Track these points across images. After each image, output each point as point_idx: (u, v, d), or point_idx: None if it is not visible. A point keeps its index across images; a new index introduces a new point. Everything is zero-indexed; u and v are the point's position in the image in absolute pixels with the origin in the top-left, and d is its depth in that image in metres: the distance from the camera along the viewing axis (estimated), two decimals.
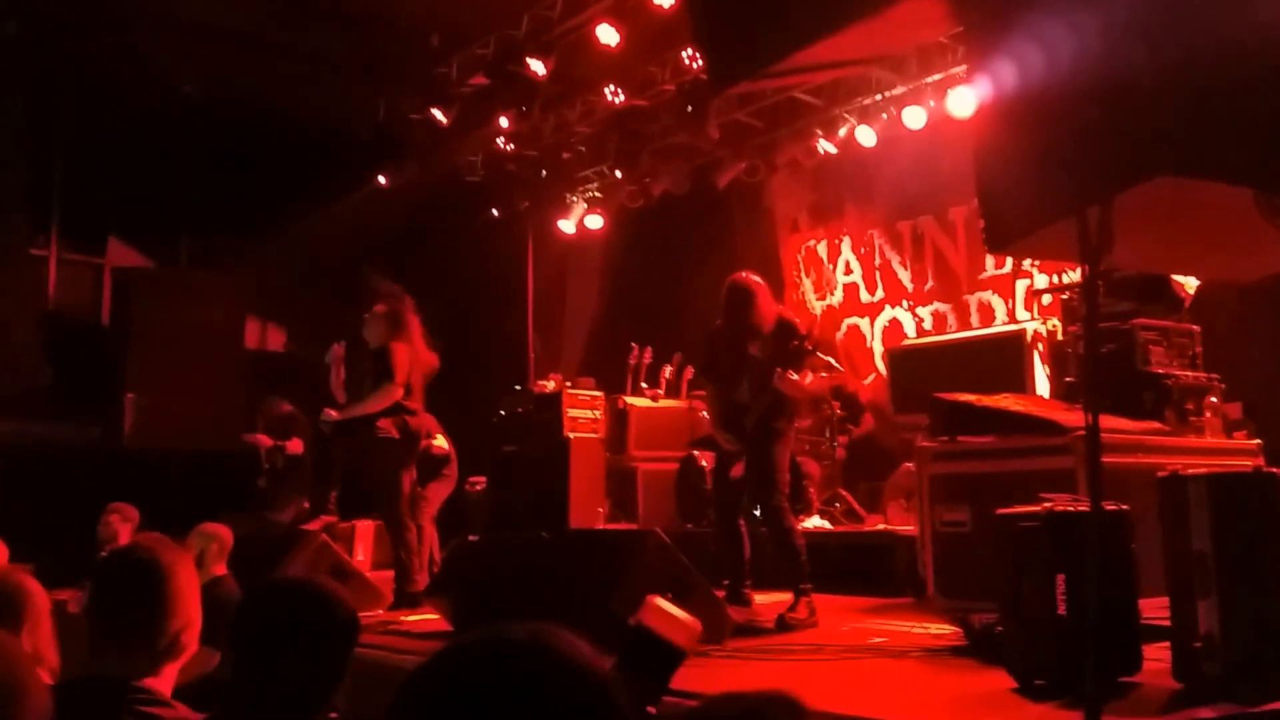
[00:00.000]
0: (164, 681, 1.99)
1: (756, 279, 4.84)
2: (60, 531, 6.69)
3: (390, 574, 5.73)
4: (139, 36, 8.27)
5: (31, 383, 8.52)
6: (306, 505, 7.55)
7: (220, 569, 4.64)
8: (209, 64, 8.65)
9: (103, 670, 2.04)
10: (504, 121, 8.86)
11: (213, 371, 8.86)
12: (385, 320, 5.64)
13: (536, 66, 7.90)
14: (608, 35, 7.48)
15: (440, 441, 6.39)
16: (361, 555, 7.73)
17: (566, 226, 10.10)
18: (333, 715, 1.77)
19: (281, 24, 8.19)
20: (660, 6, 7.08)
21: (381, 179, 9.64)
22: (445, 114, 8.74)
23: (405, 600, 5.39)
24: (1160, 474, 2.80)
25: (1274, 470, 2.75)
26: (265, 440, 8.08)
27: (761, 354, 4.67)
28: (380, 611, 5.37)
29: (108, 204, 9.51)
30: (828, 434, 7.17)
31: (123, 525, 6.27)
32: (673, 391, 8.18)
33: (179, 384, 8.65)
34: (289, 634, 1.75)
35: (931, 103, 7.53)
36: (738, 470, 4.72)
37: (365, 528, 7.73)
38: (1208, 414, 4.42)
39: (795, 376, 4.53)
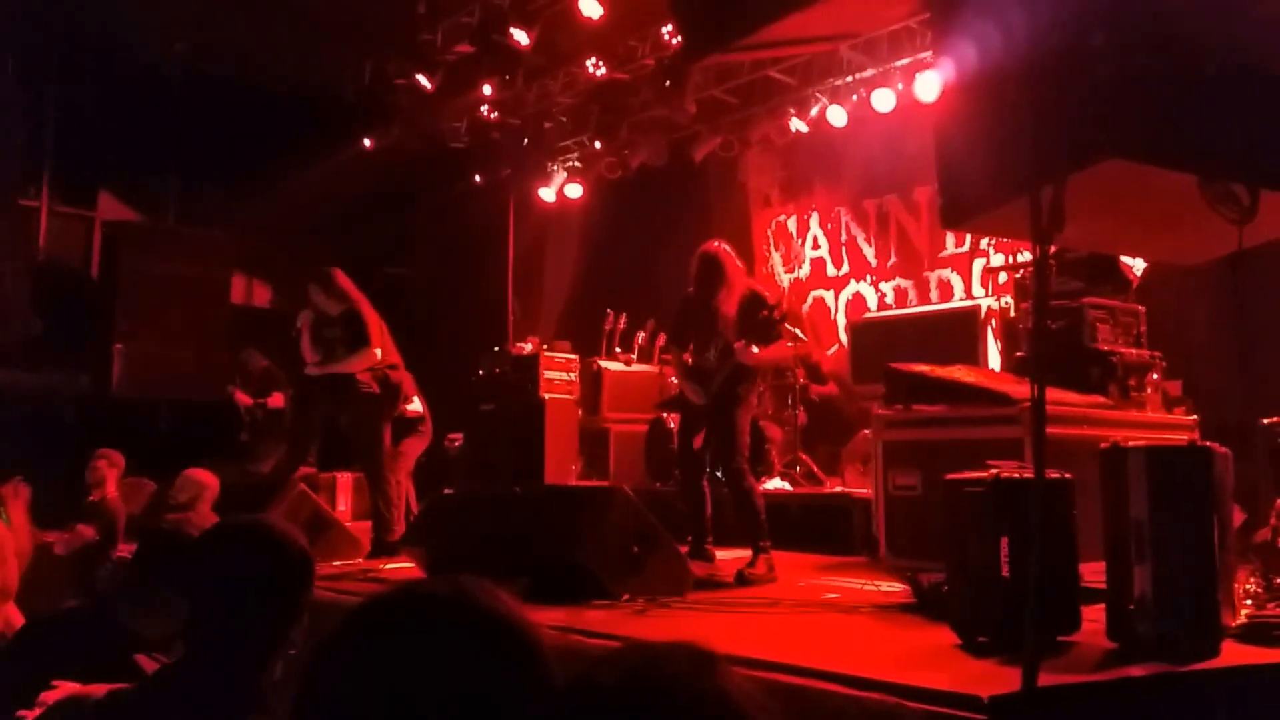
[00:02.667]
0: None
1: (726, 248, 4.80)
2: (49, 476, 6.60)
3: (369, 524, 5.69)
4: None
5: (22, 332, 8.36)
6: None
7: (210, 515, 4.61)
8: (200, 22, 8.42)
9: (126, 623, 2.05)
10: (487, 89, 8.71)
11: (199, 325, 8.76)
12: (336, 286, 5.52)
13: (520, 36, 7.76)
14: (590, 8, 7.34)
15: (415, 406, 6.33)
16: (342, 506, 7.69)
17: (547, 194, 9.99)
18: (291, 652, 1.72)
19: None
20: None
21: (367, 141, 9.47)
22: (430, 80, 8.58)
23: (383, 549, 5.37)
24: (1102, 445, 2.81)
25: (1208, 445, 2.77)
26: (245, 399, 7.98)
27: (729, 322, 4.65)
28: (359, 560, 5.35)
29: (99, 158, 9.30)
30: (790, 400, 7.18)
31: (110, 470, 6.21)
32: (645, 356, 8.16)
33: (166, 336, 8.55)
34: (240, 576, 1.70)
35: (900, 86, 7.47)
36: (699, 441, 4.72)
37: (345, 479, 7.68)
38: (1149, 390, 4.45)
39: (756, 349, 4.52)
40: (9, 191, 8.81)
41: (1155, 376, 4.49)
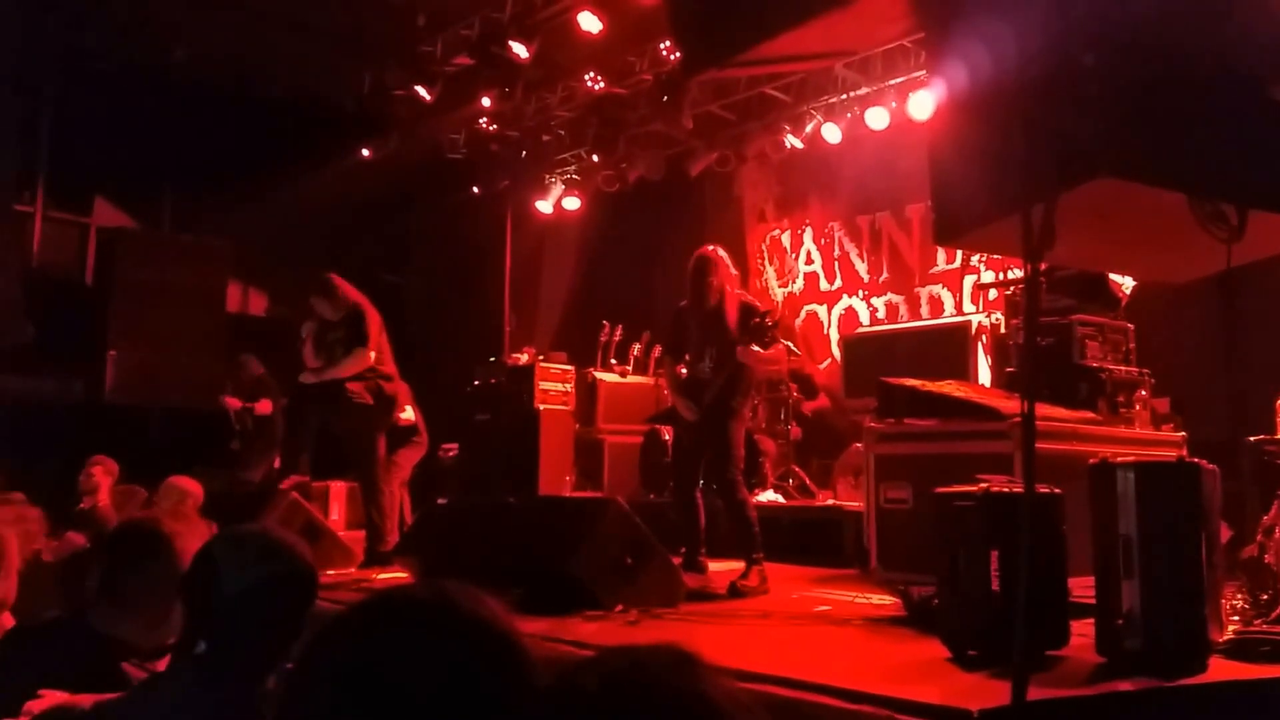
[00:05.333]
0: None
1: (720, 252, 4.80)
2: (41, 482, 6.56)
3: (362, 534, 5.67)
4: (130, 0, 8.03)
5: (15, 338, 8.33)
6: (276, 465, 7.45)
7: (199, 522, 4.57)
8: (199, 30, 8.44)
9: (99, 627, 2.03)
10: (486, 101, 8.74)
11: (193, 332, 8.73)
12: (337, 293, 5.53)
13: (519, 49, 7.79)
14: (589, 23, 7.39)
15: (408, 414, 6.31)
16: (335, 515, 7.66)
17: (544, 206, 10.02)
18: (289, 666, 1.70)
19: None
20: None
21: (365, 151, 9.49)
22: (429, 91, 8.60)
23: (376, 559, 5.34)
24: (1091, 461, 2.82)
25: (1196, 461, 2.79)
26: (234, 403, 7.95)
27: (722, 328, 4.65)
28: (352, 570, 5.32)
29: (95, 164, 9.28)
30: (783, 414, 7.20)
31: (104, 477, 6.16)
32: (640, 368, 8.18)
33: (160, 343, 8.52)
34: (245, 586, 1.66)
35: (894, 104, 7.54)
36: (693, 454, 4.72)
37: (339, 488, 7.65)
38: (1138, 407, 4.48)
39: (758, 348, 4.52)
40: (3, 196, 8.79)
41: (1144, 393, 4.51)
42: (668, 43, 7.65)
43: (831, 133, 7.95)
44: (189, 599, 1.71)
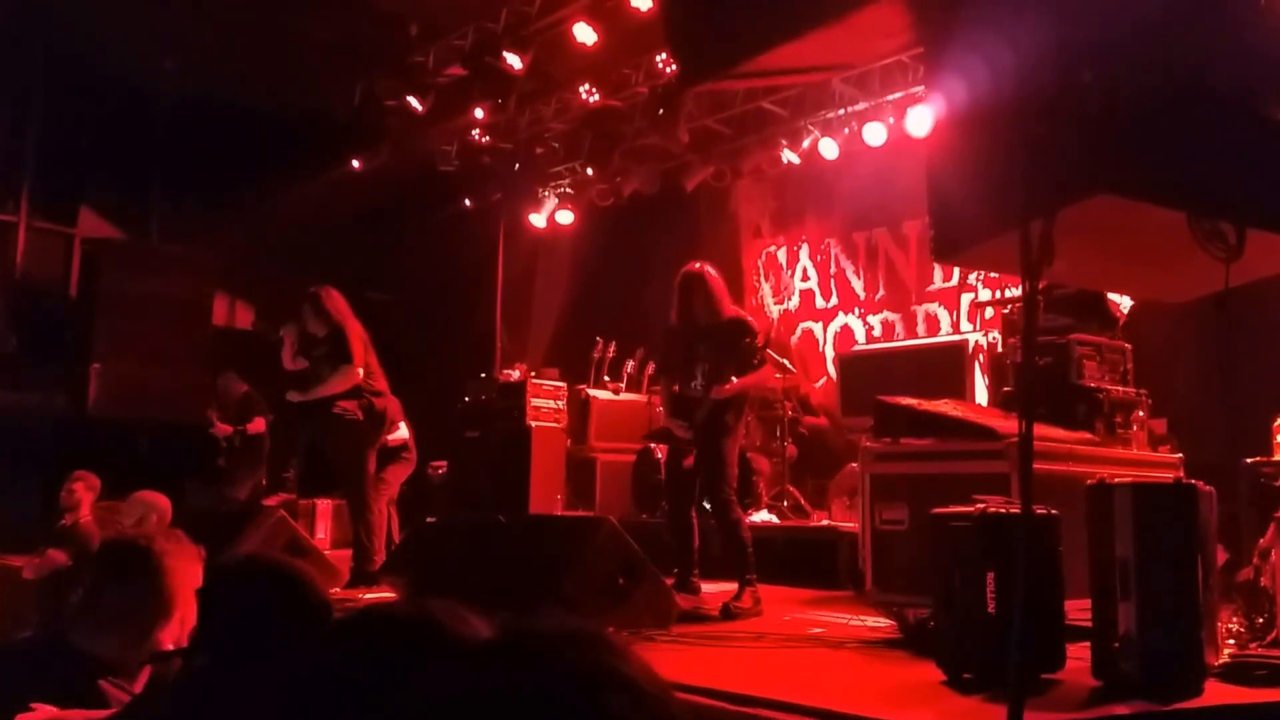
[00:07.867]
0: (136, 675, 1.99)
1: (710, 270, 4.81)
2: (22, 497, 6.53)
3: (349, 553, 5.64)
4: (119, 8, 8.04)
5: None
6: (264, 482, 7.42)
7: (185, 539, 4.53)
8: (190, 40, 8.47)
9: (79, 644, 2.02)
10: (479, 113, 8.78)
11: (179, 345, 8.72)
12: (324, 307, 5.52)
13: (513, 61, 7.84)
14: (584, 34, 7.44)
15: (400, 433, 6.29)
16: (322, 534, 7.63)
17: (537, 220, 10.04)
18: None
19: (263, 2, 8.01)
20: (637, 9, 7.05)
21: (355, 163, 9.51)
22: (421, 102, 8.64)
23: (363, 578, 5.32)
24: (1088, 482, 2.84)
25: (1193, 482, 2.81)
26: (225, 429, 7.92)
27: (712, 347, 4.65)
28: (338, 589, 5.29)
29: (80, 173, 9.28)
30: (778, 433, 7.20)
31: (85, 493, 6.12)
32: (634, 385, 8.18)
33: (145, 356, 8.50)
34: (258, 617, 1.64)
35: (891, 120, 7.60)
36: (689, 460, 4.70)
37: (325, 506, 7.63)
38: (1135, 428, 4.50)
39: (735, 379, 4.52)
40: None
41: (1141, 414, 4.53)
42: (664, 55, 7.70)
43: (829, 148, 8.00)
44: (203, 610, 1.71)
